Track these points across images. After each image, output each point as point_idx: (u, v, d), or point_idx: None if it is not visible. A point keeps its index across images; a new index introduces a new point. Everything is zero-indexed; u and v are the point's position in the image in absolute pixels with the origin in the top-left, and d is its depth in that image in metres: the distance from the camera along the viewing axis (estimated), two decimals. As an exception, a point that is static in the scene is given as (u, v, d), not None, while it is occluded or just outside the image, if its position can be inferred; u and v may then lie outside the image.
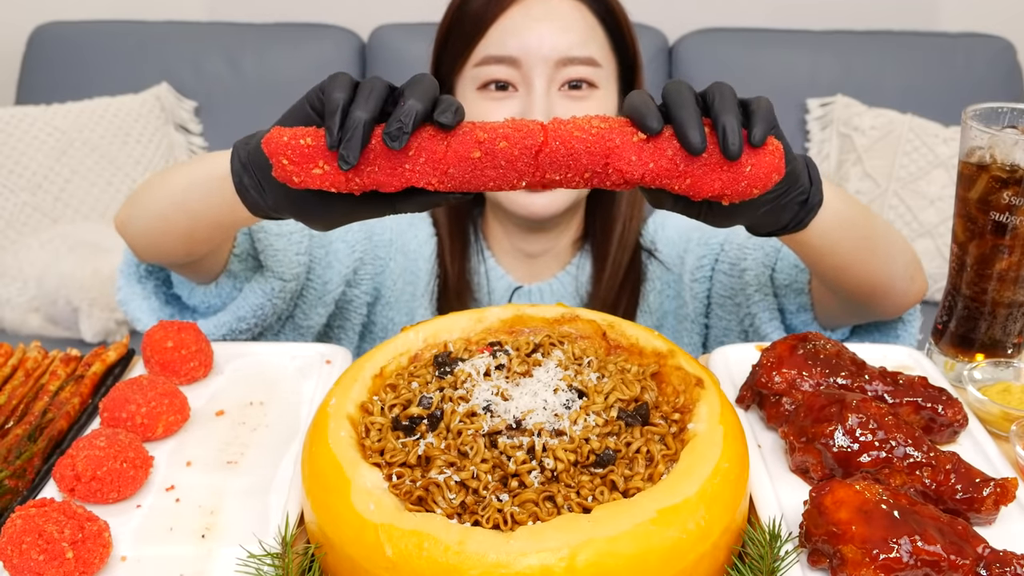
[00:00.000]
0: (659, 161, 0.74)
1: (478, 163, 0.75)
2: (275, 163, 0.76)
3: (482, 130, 0.75)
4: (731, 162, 0.73)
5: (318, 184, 0.76)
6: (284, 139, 0.75)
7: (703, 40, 2.71)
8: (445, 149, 0.75)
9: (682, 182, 0.74)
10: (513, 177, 0.75)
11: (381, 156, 0.75)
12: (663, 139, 0.74)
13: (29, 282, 2.31)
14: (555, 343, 0.85)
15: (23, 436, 0.86)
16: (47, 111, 2.51)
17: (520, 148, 0.74)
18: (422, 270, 1.32)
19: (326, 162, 0.75)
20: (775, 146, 0.75)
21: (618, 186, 0.76)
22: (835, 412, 0.79)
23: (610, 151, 0.74)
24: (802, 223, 0.89)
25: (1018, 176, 0.93)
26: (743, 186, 0.75)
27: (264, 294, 1.14)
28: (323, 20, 2.79)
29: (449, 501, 0.69)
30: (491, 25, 1.19)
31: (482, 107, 1.21)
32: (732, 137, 0.72)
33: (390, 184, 0.76)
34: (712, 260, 1.29)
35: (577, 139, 0.74)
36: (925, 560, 0.66)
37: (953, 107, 2.39)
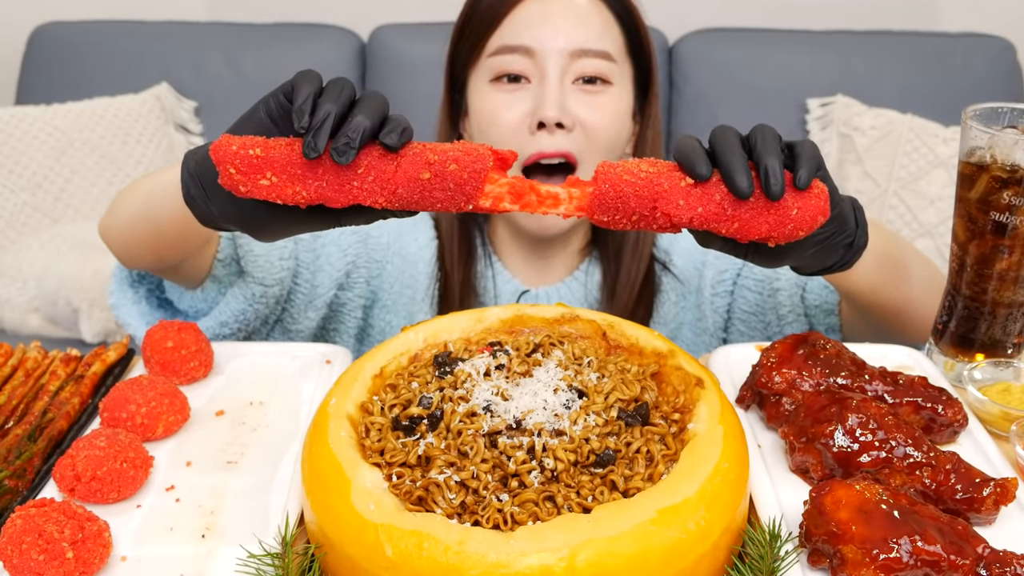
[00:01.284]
0: (707, 206, 0.75)
1: (427, 184, 0.75)
2: (222, 171, 0.76)
3: (432, 152, 0.76)
4: (777, 205, 0.75)
5: (265, 195, 0.76)
6: (233, 148, 0.75)
7: (703, 40, 2.71)
8: (395, 169, 0.75)
9: (729, 226, 0.75)
10: (461, 200, 0.76)
11: (329, 171, 0.75)
12: (711, 184, 0.75)
13: (29, 282, 2.31)
14: (555, 343, 0.85)
15: (23, 436, 0.86)
16: (47, 111, 2.51)
17: (470, 172, 0.75)
18: (422, 274, 1.32)
19: (274, 173, 0.75)
20: (820, 189, 0.76)
21: (664, 229, 0.76)
22: (835, 412, 0.79)
23: (658, 195, 0.75)
24: (847, 264, 0.90)
25: (1018, 176, 0.93)
26: (789, 228, 0.75)
27: (245, 299, 1.14)
28: (323, 20, 2.79)
29: (449, 501, 0.69)
30: (507, 15, 1.20)
31: (494, 99, 1.21)
32: (774, 179, 0.73)
33: (337, 200, 0.76)
34: (734, 275, 1.29)
35: (626, 183, 0.75)
36: (925, 560, 0.66)
37: (953, 107, 2.39)
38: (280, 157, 0.75)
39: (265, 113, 0.80)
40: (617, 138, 1.22)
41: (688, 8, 2.79)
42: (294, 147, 0.76)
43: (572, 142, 1.18)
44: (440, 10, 2.60)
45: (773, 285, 1.24)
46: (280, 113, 0.79)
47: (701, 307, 1.31)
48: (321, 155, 0.73)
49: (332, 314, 1.30)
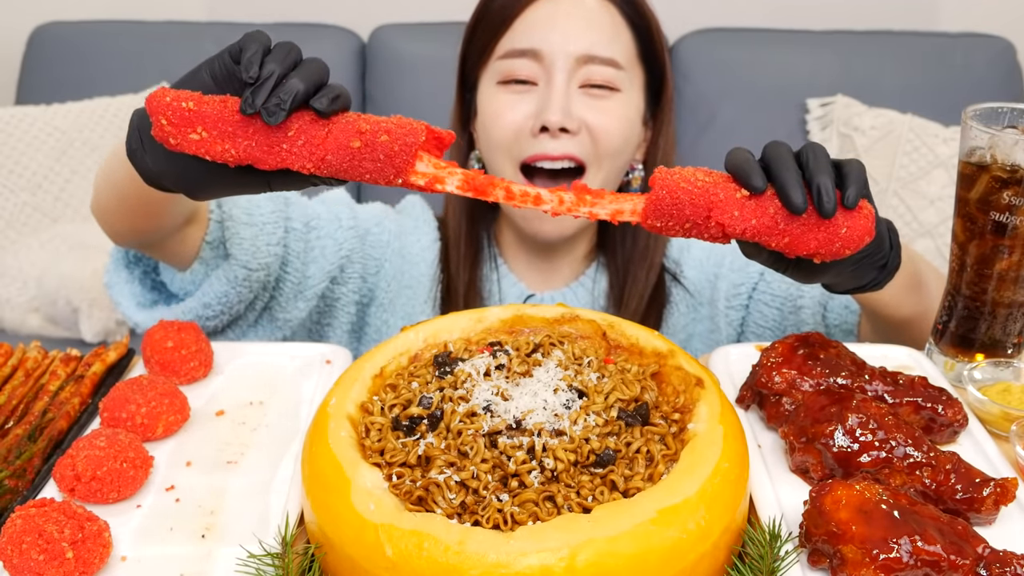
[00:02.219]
0: (761, 219, 0.76)
1: (357, 153, 0.75)
2: (154, 122, 0.76)
3: (365, 121, 0.76)
4: (828, 223, 0.76)
5: (193, 149, 0.76)
6: (167, 100, 0.75)
7: (703, 40, 2.70)
8: (325, 135, 0.75)
9: (780, 240, 0.76)
10: (390, 172, 0.76)
11: (260, 132, 0.75)
12: (765, 197, 0.76)
13: (29, 282, 2.31)
14: (555, 343, 0.85)
15: (23, 436, 0.86)
16: (47, 111, 2.51)
17: (401, 144, 0.75)
18: (424, 275, 1.32)
19: (204, 128, 0.75)
20: (868, 210, 0.77)
21: (716, 239, 0.77)
22: (835, 412, 0.79)
23: (713, 204, 0.76)
24: (879, 284, 0.92)
25: (1018, 176, 0.93)
26: (837, 246, 0.77)
27: (228, 282, 1.14)
28: (323, 20, 2.79)
29: (449, 501, 0.69)
30: (517, 17, 1.19)
31: (500, 99, 1.21)
32: (827, 197, 0.74)
33: (265, 161, 0.76)
34: (750, 288, 1.28)
35: (683, 190, 0.76)
36: (925, 560, 0.66)
37: (953, 107, 2.38)
38: (212, 113, 0.75)
39: (208, 74, 0.80)
40: (625, 143, 1.22)
41: (688, 8, 2.79)
42: (227, 104, 0.76)
43: (578, 146, 1.18)
44: (440, 10, 2.61)
45: (796, 303, 1.24)
46: (223, 74, 0.79)
47: (715, 319, 1.31)
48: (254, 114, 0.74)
49: (326, 308, 1.30)
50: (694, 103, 2.67)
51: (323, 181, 0.80)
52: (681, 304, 1.33)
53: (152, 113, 0.76)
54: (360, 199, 2.72)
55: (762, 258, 0.84)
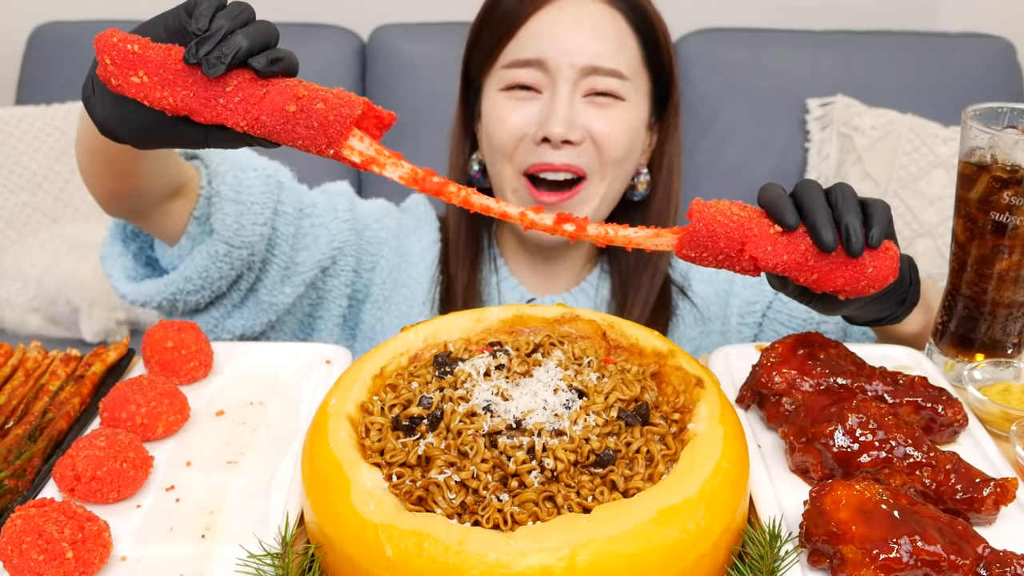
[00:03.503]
0: (792, 255, 0.79)
1: (291, 117, 0.76)
2: (100, 62, 0.77)
3: (304, 88, 0.77)
4: (855, 262, 0.79)
5: (133, 92, 0.77)
6: (114, 40, 0.77)
7: (703, 40, 2.70)
8: (262, 95, 0.76)
9: (809, 276, 0.80)
10: (323, 142, 0.77)
11: (199, 83, 0.76)
12: (797, 235, 0.79)
13: (29, 282, 2.31)
14: (555, 343, 0.85)
15: (23, 436, 0.86)
16: (47, 111, 2.51)
17: (336, 114, 0.76)
18: (423, 276, 1.31)
19: (146, 73, 0.76)
20: (893, 251, 0.81)
21: (747, 271, 0.81)
22: (835, 412, 0.79)
23: (747, 239, 0.79)
24: (898, 318, 0.98)
25: (1018, 176, 0.93)
26: (862, 285, 0.80)
27: (209, 256, 1.14)
28: (323, 20, 2.79)
29: (449, 501, 0.69)
30: (522, 26, 1.19)
31: (503, 106, 1.20)
32: (855, 237, 0.78)
33: (201, 113, 0.77)
34: (764, 306, 1.28)
35: (719, 223, 0.79)
36: (925, 560, 0.66)
37: (953, 107, 2.38)
38: (155, 58, 0.77)
39: (163, 26, 0.81)
40: (628, 151, 1.21)
41: (688, 8, 2.79)
42: (171, 53, 0.77)
43: (580, 156, 1.17)
44: (440, 10, 2.61)
45: (820, 328, 1.24)
46: (176, 27, 0.80)
47: (726, 335, 1.30)
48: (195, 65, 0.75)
49: (318, 300, 1.29)
50: (695, 103, 2.67)
51: (257, 142, 0.80)
52: (688, 317, 1.32)
53: (98, 52, 0.77)
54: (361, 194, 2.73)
55: (788, 290, 0.87)
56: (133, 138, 0.85)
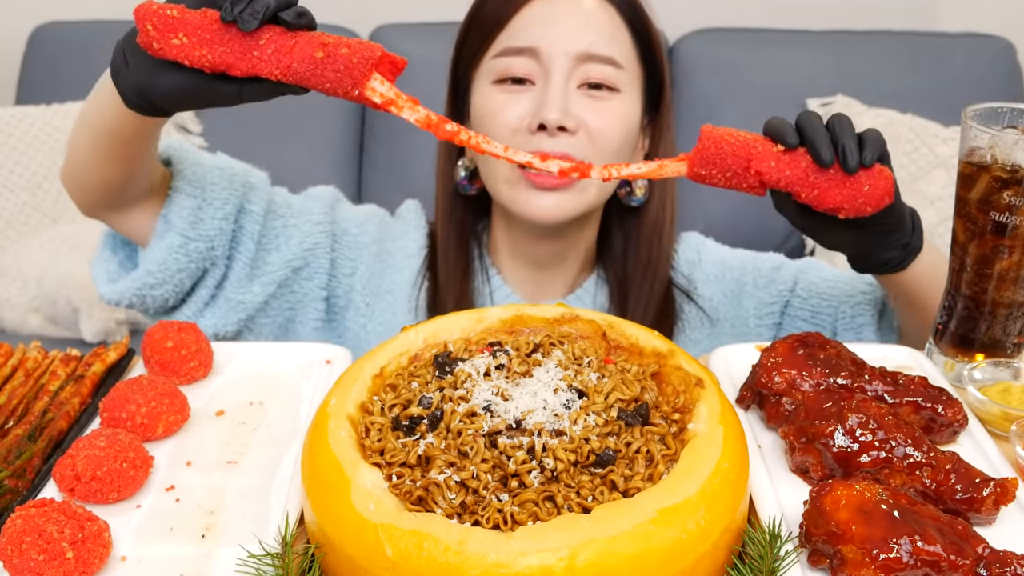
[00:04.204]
0: (794, 170, 0.87)
1: (320, 63, 0.85)
2: (140, 28, 0.87)
3: (328, 37, 0.87)
4: (852, 179, 0.87)
5: (174, 54, 0.86)
6: (153, 7, 0.87)
7: (703, 40, 2.71)
8: (292, 45, 0.86)
9: (810, 191, 0.87)
10: (348, 83, 0.86)
11: (234, 39, 0.86)
12: (798, 154, 0.88)
13: (29, 282, 2.31)
14: (555, 343, 0.85)
15: (23, 436, 0.86)
16: (47, 111, 2.51)
17: (359, 57, 0.85)
18: (407, 282, 1.29)
19: (186, 35, 0.86)
20: (887, 173, 0.88)
21: (753, 188, 0.89)
22: (835, 412, 0.79)
23: (753, 155, 0.87)
24: (902, 264, 1.03)
25: (1018, 176, 0.93)
26: (860, 202, 0.87)
27: (166, 248, 1.16)
28: (323, 20, 2.77)
29: (449, 501, 0.69)
30: (512, 17, 1.18)
31: (495, 99, 1.18)
32: (851, 155, 0.86)
33: (238, 67, 0.86)
34: (782, 305, 1.27)
35: (727, 141, 0.88)
36: (925, 560, 0.66)
37: (953, 107, 2.38)
38: (193, 21, 0.86)
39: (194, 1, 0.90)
40: (623, 144, 1.19)
41: (688, 8, 2.79)
42: (207, 15, 0.87)
43: (576, 146, 1.14)
44: (440, 10, 2.61)
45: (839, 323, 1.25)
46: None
47: (744, 336, 1.29)
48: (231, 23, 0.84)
49: (296, 304, 1.28)
50: (694, 103, 2.67)
51: (288, 89, 0.89)
52: (694, 320, 1.30)
53: (139, 20, 0.87)
54: (361, 198, 2.73)
55: (790, 208, 0.94)
56: (170, 100, 0.93)
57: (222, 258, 1.21)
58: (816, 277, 1.28)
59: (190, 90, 0.91)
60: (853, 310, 1.24)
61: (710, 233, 1.42)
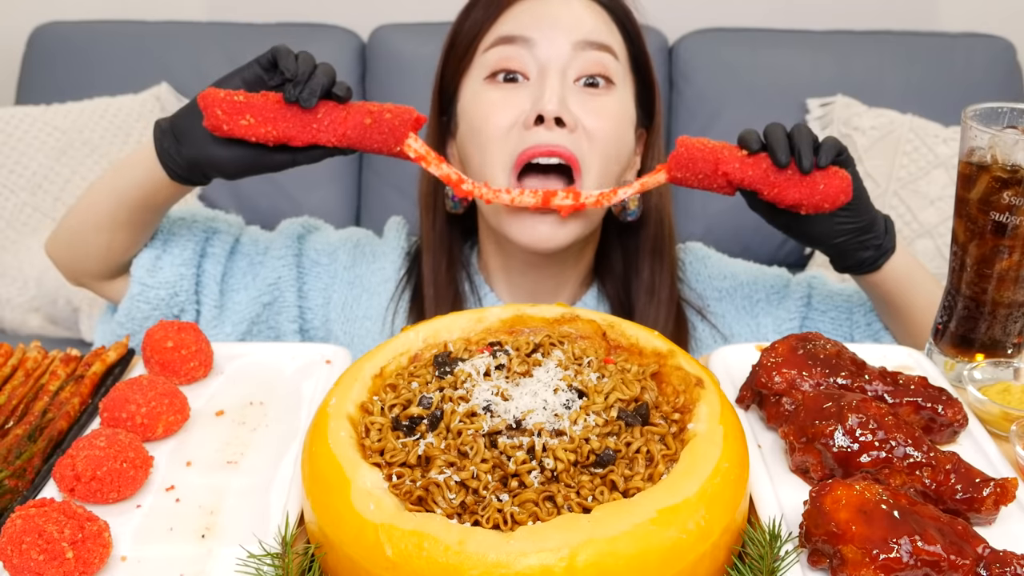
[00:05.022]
0: (755, 171, 1.02)
1: (368, 128, 1.02)
2: (209, 114, 1.01)
3: (371, 105, 1.03)
4: (807, 179, 1.00)
5: (242, 133, 1.01)
6: (220, 95, 1.01)
7: (703, 40, 2.71)
8: (345, 116, 1.02)
9: (771, 190, 1.01)
10: (392, 142, 1.03)
11: (295, 115, 1.01)
12: (760, 157, 1.02)
13: (29, 282, 2.31)
14: (555, 343, 0.85)
15: (23, 436, 0.86)
16: (47, 111, 2.51)
17: (399, 120, 1.03)
18: (382, 307, 1.27)
19: (252, 115, 1.00)
20: (843, 175, 1.01)
21: (723, 188, 1.04)
22: (835, 412, 0.79)
23: (720, 159, 1.02)
24: (876, 264, 1.12)
25: (1018, 176, 0.93)
26: (817, 199, 1.00)
27: (129, 298, 1.21)
28: (323, 20, 2.79)
29: (449, 501, 0.69)
30: (502, 14, 1.16)
31: (489, 96, 1.14)
32: (805, 156, 0.99)
33: (299, 138, 1.02)
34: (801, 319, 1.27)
35: (697, 148, 1.04)
36: (925, 560, 0.66)
37: (953, 107, 2.39)
38: (258, 103, 1.01)
39: (240, 80, 1.05)
40: (619, 143, 1.16)
41: (688, 8, 2.79)
42: (268, 97, 1.02)
43: (573, 143, 1.11)
44: (440, 10, 2.60)
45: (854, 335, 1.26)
46: (253, 79, 1.06)
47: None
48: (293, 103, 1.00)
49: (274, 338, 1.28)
50: (694, 103, 2.67)
51: (338, 152, 1.05)
52: (707, 340, 1.28)
53: (207, 106, 1.01)
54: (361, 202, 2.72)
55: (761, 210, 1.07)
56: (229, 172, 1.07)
57: (190, 303, 1.23)
58: (827, 290, 1.28)
59: (248, 160, 1.05)
60: (867, 317, 1.25)
61: (710, 233, 1.43)
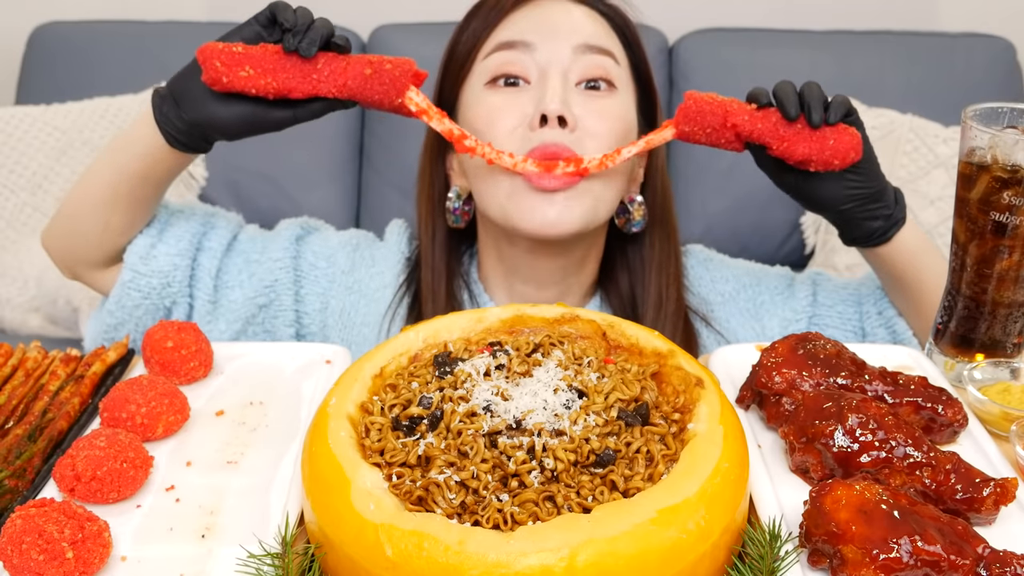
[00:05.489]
0: (765, 124, 0.99)
1: (369, 79, 1.00)
2: (207, 67, 0.98)
3: (371, 56, 1.01)
4: (817, 133, 0.98)
5: (242, 85, 0.98)
6: (218, 47, 0.99)
7: (703, 40, 2.70)
8: (345, 66, 1.00)
9: (780, 144, 0.99)
10: (392, 93, 1.01)
11: (295, 66, 0.99)
12: (769, 111, 1.00)
13: (29, 282, 2.31)
14: (555, 343, 0.85)
15: (23, 436, 0.86)
16: (47, 111, 2.51)
17: (400, 71, 1.01)
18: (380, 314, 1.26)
19: (251, 66, 0.98)
20: (853, 132, 0.99)
21: (731, 143, 1.02)
22: (835, 412, 0.79)
23: (728, 112, 1.00)
24: (886, 235, 1.10)
25: (1019, 176, 0.93)
26: (826, 155, 0.98)
27: (120, 284, 1.19)
28: (323, 20, 2.79)
29: (449, 501, 0.69)
30: (502, 21, 1.16)
31: (491, 101, 1.14)
32: (815, 110, 0.97)
33: (300, 89, 0.99)
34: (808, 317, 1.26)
35: (705, 101, 1.02)
36: (925, 560, 0.66)
37: (953, 107, 2.38)
38: (256, 54, 0.99)
39: (239, 37, 1.04)
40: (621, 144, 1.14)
41: (688, 8, 2.79)
42: (267, 48, 1.00)
43: (576, 141, 1.10)
44: (440, 10, 2.60)
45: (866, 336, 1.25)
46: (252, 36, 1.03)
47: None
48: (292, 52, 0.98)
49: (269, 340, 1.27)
50: (694, 103, 2.66)
51: (339, 106, 1.03)
52: (713, 346, 1.26)
53: (207, 58, 0.98)
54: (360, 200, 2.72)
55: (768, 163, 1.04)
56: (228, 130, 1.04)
57: (182, 296, 1.21)
58: (832, 285, 1.28)
59: (249, 117, 1.03)
60: (877, 306, 1.23)
61: (710, 233, 1.43)
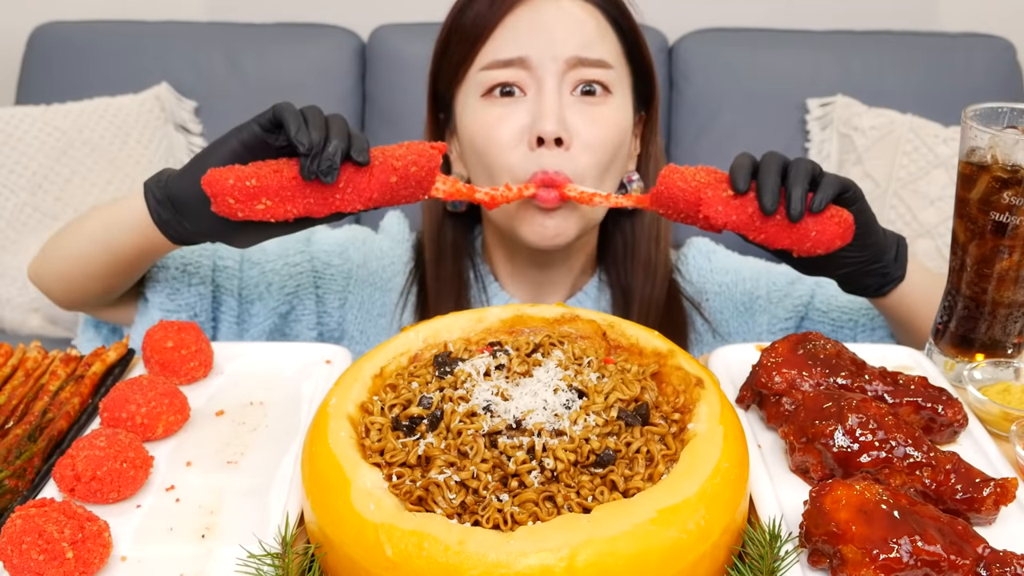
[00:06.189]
0: (740, 216, 0.93)
1: (395, 187, 0.92)
2: (219, 202, 0.88)
3: (393, 158, 0.92)
4: (797, 226, 0.92)
5: (260, 216, 0.90)
6: (230, 182, 0.88)
7: (703, 40, 2.70)
8: (368, 179, 0.91)
9: (758, 235, 0.93)
10: (419, 193, 0.96)
11: (315, 190, 0.90)
12: (747, 198, 0.93)
13: (29, 282, 2.30)
14: (555, 343, 0.85)
15: (23, 436, 0.86)
16: (47, 111, 2.51)
17: (426, 170, 0.94)
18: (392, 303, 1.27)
19: (268, 198, 0.89)
20: (842, 217, 0.92)
21: (706, 228, 0.95)
22: (835, 412, 0.79)
23: (702, 201, 0.94)
24: (882, 291, 1.08)
25: (1019, 176, 0.93)
26: (808, 246, 0.93)
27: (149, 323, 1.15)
28: (323, 20, 2.79)
29: (449, 501, 0.69)
30: (496, 27, 1.15)
31: (487, 114, 1.14)
32: (794, 204, 0.91)
33: (321, 211, 0.91)
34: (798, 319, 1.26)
35: (678, 188, 0.95)
36: (925, 560, 0.66)
37: (953, 107, 2.38)
38: (273, 184, 0.88)
39: (238, 142, 0.92)
40: (617, 152, 1.16)
41: (688, 8, 2.79)
42: (282, 172, 0.89)
43: (570, 161, 1.11)
44: (440, 10, 2.60)
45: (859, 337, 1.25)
46: (253, 141, 0.92)
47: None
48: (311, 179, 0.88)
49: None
50: (694, 103, 2.67)
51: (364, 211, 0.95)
52: (707, 336, 1.28)
53: (216, 195, 0.88)
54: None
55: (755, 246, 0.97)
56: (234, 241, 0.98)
57: (207, 321, 1.20)
58: (834, 290, 1.28)
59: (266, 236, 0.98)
60: (872, 322, 1.24)
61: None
